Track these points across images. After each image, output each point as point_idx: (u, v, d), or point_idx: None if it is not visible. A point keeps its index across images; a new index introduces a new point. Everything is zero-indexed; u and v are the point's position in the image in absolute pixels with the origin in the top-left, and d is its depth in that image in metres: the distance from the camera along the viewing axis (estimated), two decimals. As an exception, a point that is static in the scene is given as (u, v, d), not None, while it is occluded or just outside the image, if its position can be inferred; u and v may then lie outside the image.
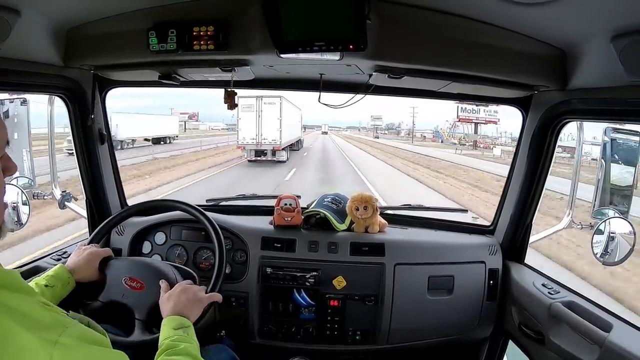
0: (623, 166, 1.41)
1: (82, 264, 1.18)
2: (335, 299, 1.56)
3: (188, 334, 0.98)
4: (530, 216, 1.56)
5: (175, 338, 0.94)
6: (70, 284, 1.13)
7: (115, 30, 1.22)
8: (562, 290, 1.39)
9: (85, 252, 1.21)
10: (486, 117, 34.28)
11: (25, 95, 1.50)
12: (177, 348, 0.91)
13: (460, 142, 39.33)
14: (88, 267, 1.18)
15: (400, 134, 68.41)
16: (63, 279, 1.11)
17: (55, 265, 1.14)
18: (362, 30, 1.03)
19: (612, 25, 0.90)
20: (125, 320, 1.16)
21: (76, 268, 1.16)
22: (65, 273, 1.13)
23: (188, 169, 14.91)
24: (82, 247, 1.25)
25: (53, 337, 0.56)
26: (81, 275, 1.16)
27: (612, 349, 1.07)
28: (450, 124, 50.64)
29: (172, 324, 1.00)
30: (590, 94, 1.17)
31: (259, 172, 13.99)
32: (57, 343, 0.55)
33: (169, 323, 1.01)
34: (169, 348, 0.91)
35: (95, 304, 1.15)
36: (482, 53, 1.15)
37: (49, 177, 1.66)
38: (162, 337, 0.97)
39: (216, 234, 1.30)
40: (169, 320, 1.02)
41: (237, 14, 1.14)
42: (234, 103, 1.46)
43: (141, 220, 1.65)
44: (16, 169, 0.70)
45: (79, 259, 1.19)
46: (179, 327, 0.99)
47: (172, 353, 0.90)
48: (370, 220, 1.65)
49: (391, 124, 71.97)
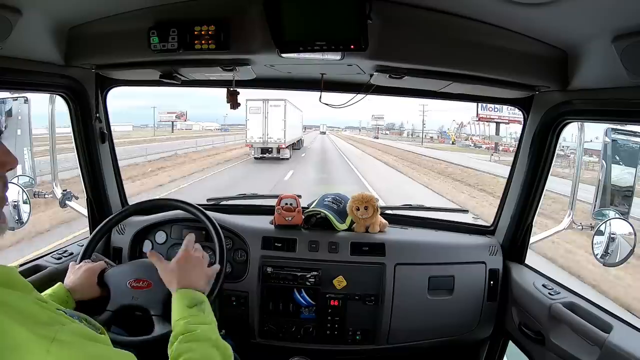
0: (624, 167, 1.41)
1: (80, 282, 1.12)
2: (335, 299, 1.57)
3: (204, 312, 0.90)
4: (530, 217, 1.56)
5: (190, 320, 0.87)
6: (69, 304, 1.07)
7: (117, 29, 1.22)
8: (563, 290, 1.39)
9: (81, 270, 1.15)
10: (510, 115, 28.93)
11: (27, 94, 1.50)
12: (194, 333, 0.84)
13: (476, 144, 37.05)
14: (87, 285, 1.13)
15: (402, 134, 67.42)
16: (61, 297, 1.06)
17: (56, 263, 1.13)
18: (363, 30, 1.03)
19: (614, 26, 0.90)
20: (138, 322, 1.14)
21: (75, 287, 1.11)
22: (63, 292, 1.08)
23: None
24: (74, 265, 1.19)
25: (50, 334, 0.55)
26: (83, 295, 1.11)
27: (612, 349, 1.07)
28: (458, 124, 48.80)
29: (184, 301, 0.92)
30: (592, 94, 1.17)
31: (263, 169, 15.47)
32: (55, 339, 0.54)
33: (180, 299, 0.92)
34: (184, 332, 0.85)
35: (105, 315, 1.11)
36: (484, 53, 1.15)
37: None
38: (174, 316, 0.90)
39: (217, 233, 1.30)
40: (181, 296, 0.93)
41: (238, 13, 1.14)
42: (236, 102, 1.45)
43: (142, 220, 1.65)
44: (16, 162, 0.68)
45: (77, 278, 1.13)
46: (193, 303, 0.91)
47: (188, 339, 0.84)
48: (371, 220, 1.65)
49: (391, 124, 71.38)
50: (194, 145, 25.61)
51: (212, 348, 0.84)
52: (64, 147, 1.89)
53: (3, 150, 0.64)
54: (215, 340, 0.85)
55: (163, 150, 20.93)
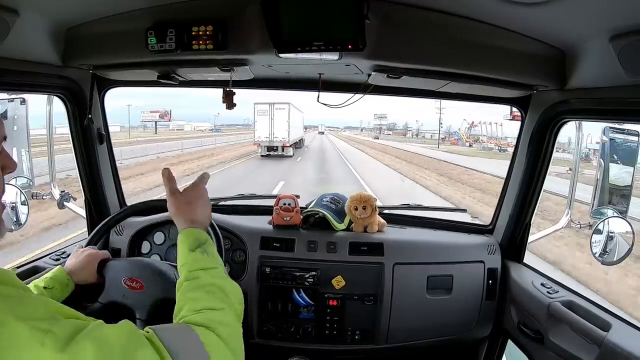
0: (622, 166, 1.41)
1: (81, 266, 1.16)
2: (334, 299, 1.57)
3: (208, 253, 0.86)
4: (529, 216, 1.56)
5: (193, 265, 0.82)
6: (70, 286, 1.11)
7: (114, 29, 1.21)
8: (561, 289, 1.40)
9: (84, 254, 1.19)
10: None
11: (24, 95, 1.50)
12: (198, 281, 0.79)
13: (501, 147, 33.29)
14: (87, 269, 1.16)
15: (406, 135, 64.05)
16: (62, 281, 1.09)
17: (54, 265, 1.13)
18: (361, 30, 1.03)
19: (611, 25, 0.90)
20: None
21: (75, 270, 1.14)
22: (64, 275, 1.11)
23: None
24: (79, 249, 1.23)
25: (45, 326, 0.54)
26: (80, 278, 1.14)
27: (611, 348, 1.07)
28: (469, 123, 45.33)
29: (187, 243, 0.87)
30: (589, 93, 1.17)
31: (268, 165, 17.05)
32: (49, 332, 0.54)
33: (185, 241, 0.88)
34: (187, 280, 0.80)
35: (95, 306, 1.14)
36: (481, 53, 1.15)
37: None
38: (179, 260, 0.85)
39: (215, 234, 1.30)
40: (185, 237, 0.88)
41: (236, 13, 1.14)
42: (232, 103, 1.45)
43: (140, 220, 1.65)
44: (16, 166, 0.68)
45: (78, 261, 1.17)
46: (196, 245, 0.86)
47: (192, 288, 0.78)
48: (369, 220, 1.65)
49: (392, 124, 70.08)
50: (179, 147, 24.04)
51: (218, 293, 0.79)
52: (64, 148, 1.87)
53: (5, 155, 0.65)
54: (219, 283, 0.80)
55: (143, 153, 19.55)
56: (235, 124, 72.36)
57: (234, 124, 71.59)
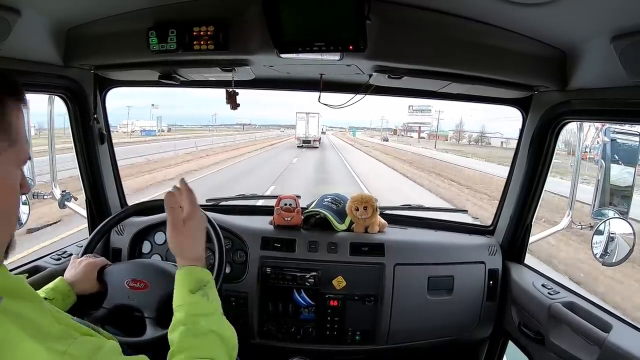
0: (623, 166, 1.41)
1: (81, 276, 1.13)
2: (335, 299, 1.57)
3: (209, 297, 0.81)
4: (530, 217, 1.56)
5: (193, 309, 0.78)
6: (71, 298, 1.08)
7: (116, 30, 1.21)
8: (562, 290, 1.40)
9: (82, 265, 1.16)
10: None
11: (25, 94, 1.49)
12: (197, 327, 0.76)
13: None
14: (87, 279, 1.14)
15: (452, 139, 56.62)
16: (63, 291, 1.07)
17: (55, 264, 1.12)
18: (362, 30, 1.03)
19: (613, 25, 0.90)
20: (134, 322, 1.14)
21: (75, 281, 1.11)
22: (65, 285, 1.08)
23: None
24: (76, 259, 1.19)
25: (61, 348, 0.53)
26: (81, 288, 1.12)
27: (611, 349, 1.07)
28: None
29: (188, 283, 0.81)
30: (591, 94, 1.17)
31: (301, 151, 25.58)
32: (66, 353, 0.53)
33: (185, 279, 0.82)
34: (187, 324, 0.76)
35: (100, 312, 1.12)
36: (482, 53, 1.15)
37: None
38: (176, 299, 0.80)
39: (216, 234, 1.30)
40: (186, 276, 0.82)
41: (237, 14, 1.14)
42: (235, 103, 1.45)
43: (141, 220, 1.65)
44: (29, 189, 0.67)
45: (77, 272, 1.13)
46: (197, 287, 0.81)
47: (191, 334, 0.75)
48: (370, 221, 1.65)
49: (407, 125, 65.55)
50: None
51: (217, 341, 0.77)
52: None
53: (24, 176, 0.65)
54: (219, 331, 0.78)
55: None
56: (233, 123, 72.08)
57: (233, 124, 71.26)
